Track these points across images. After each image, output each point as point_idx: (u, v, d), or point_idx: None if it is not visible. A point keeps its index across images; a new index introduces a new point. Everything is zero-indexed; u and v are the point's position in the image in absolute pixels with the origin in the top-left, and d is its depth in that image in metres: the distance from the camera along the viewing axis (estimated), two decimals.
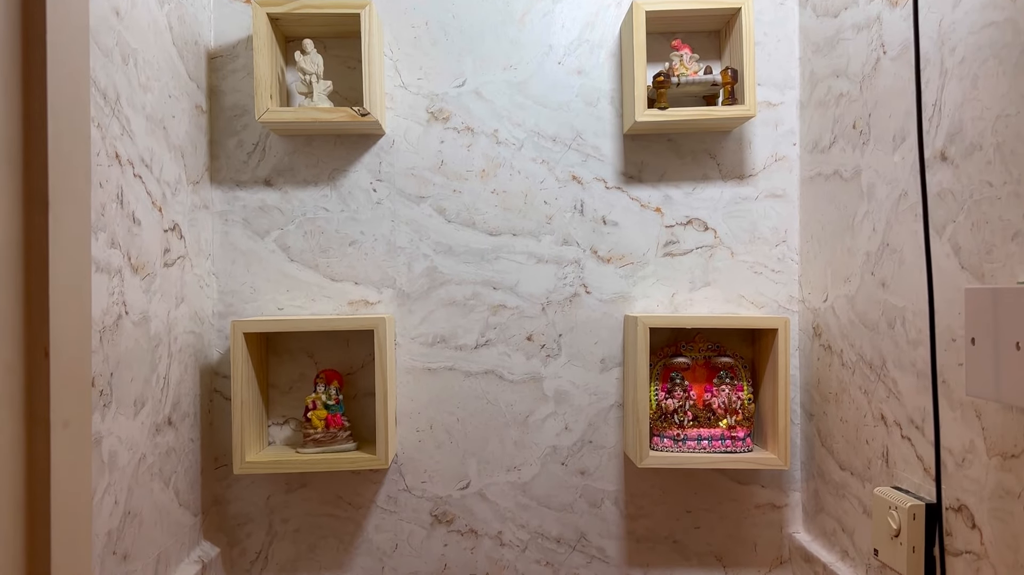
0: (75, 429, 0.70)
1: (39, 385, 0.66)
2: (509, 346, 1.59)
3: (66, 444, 0.69)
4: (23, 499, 0.67)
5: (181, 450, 1.39)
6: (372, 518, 1.58)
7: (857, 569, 1.35)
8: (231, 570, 1.56)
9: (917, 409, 1.16)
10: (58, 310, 0.68)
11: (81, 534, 0.73)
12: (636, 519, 1.60)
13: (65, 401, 0.68)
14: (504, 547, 1.59)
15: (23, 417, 0.66)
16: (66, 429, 0.69)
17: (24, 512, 0.67)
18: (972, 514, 1.02)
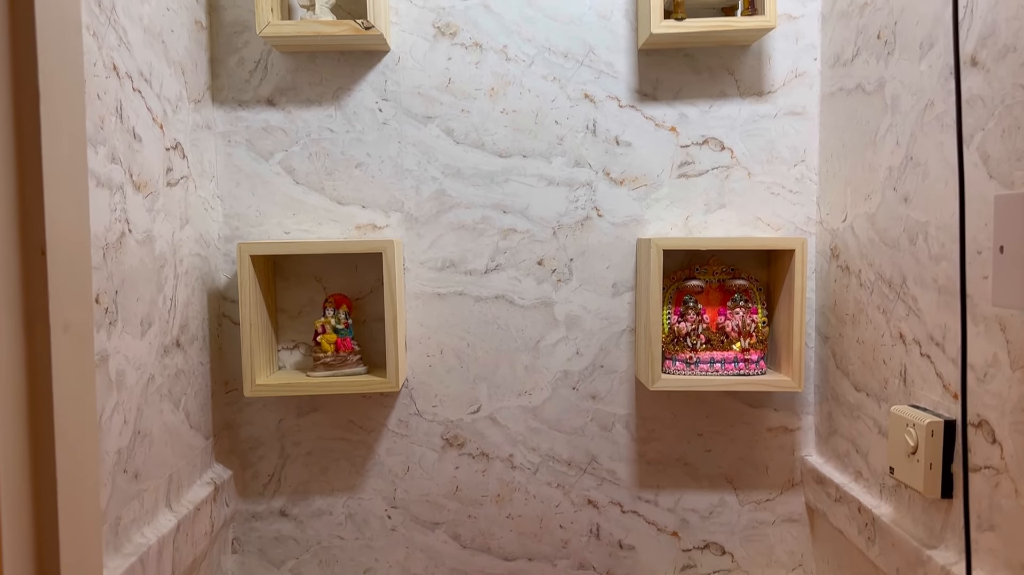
0: (76, 333, 0.68)
1: (36, 283, 0.64)
2: (519, 271, 1.56)
3: (67, 348, 0.68)
4: (25, 406, 0.66)
5: (190, 373, 1.38)
6: (383, 441, 1.58)
7: (871, 489, 1.34)
8: (244, 493, 1.57)
9: (938, 326, 1.13)
10: (54, 207, 0.65)
11: (87, 444, 0.72)
12: (647, 442, 1.59)
13: (64, 302, 0.66)
14: (515, 470, 1.59)
15: (22, 317, 0.65)
16: (66, 332, 0.67)
17: (27, 418, 0.66)
18: (993, 429, 1.00)
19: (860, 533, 1.33)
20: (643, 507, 1.60)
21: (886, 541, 1.24)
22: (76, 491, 0.69)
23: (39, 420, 0.65)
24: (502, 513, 1.60)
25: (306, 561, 1.59)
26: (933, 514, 1.15)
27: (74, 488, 0.69)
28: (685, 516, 1.60)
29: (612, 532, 1.60)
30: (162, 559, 1.19)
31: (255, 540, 1.58)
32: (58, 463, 0.67)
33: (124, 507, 1.13)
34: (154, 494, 1.23)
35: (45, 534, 0.69)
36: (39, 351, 0.65)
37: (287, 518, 1.58)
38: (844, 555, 1.44)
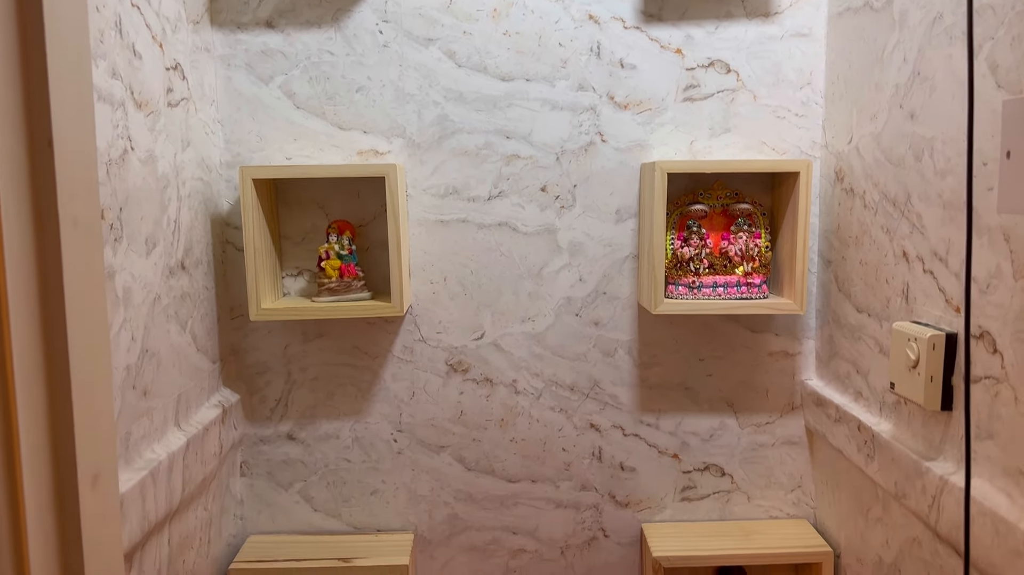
0: (85, 228, 0.69)
1: (44, 176, 0.64)
2: (523, 197, 1.56)
3: (77, 243, 0.68)
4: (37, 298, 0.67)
5: (196, 296, 1.39)
6: (389, 367, 1.60)
7: (871, 407, 1.36)
8: (252, 417, 1.59)
9: (941, 240, 1.13)
10: (59, 100, 0.65)
11: (99, 338, 0.73)
12: (649, 367, 1.61)
13: (72, 197, 0.66)
14: (519, 395, 1.61)
15: (31, 211, 0.65)
16: (76, 227, 0.67)
17: (39, 310, 0.66)
18: (994, 339, 1.01)
19: (859, 451, 1.36)
20: (644, 430, 1.62)
21: (885, 456, 1.26)
22: (90, 386, 0.70)
23: (51, 313, 0.65)
24: (506, 437, 1.62)
25: (314, 483, 1.62)
26: (932, 427, 1.17)
27: (87, 381, 0.70)
28: (686, 439, 1.62)
29: (614, 455, 1.63)
30: (172, 475, 1.22)
31: (263, 463, 1.61)
32: (71, 354, 0.68)
33: (134, 423, 1.15)
34: (163, 412, 1.25)
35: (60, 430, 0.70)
36: (49, 245, 0.66)
37: (295, 442, 1.61)
38: (843, 474, 1.47)
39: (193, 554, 1.35)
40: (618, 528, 1.64)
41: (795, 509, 1.63)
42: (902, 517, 1.25)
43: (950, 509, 1.08)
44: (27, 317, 0.65)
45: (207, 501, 1.41)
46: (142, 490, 1.11)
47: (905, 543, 1.24)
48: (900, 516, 1.25)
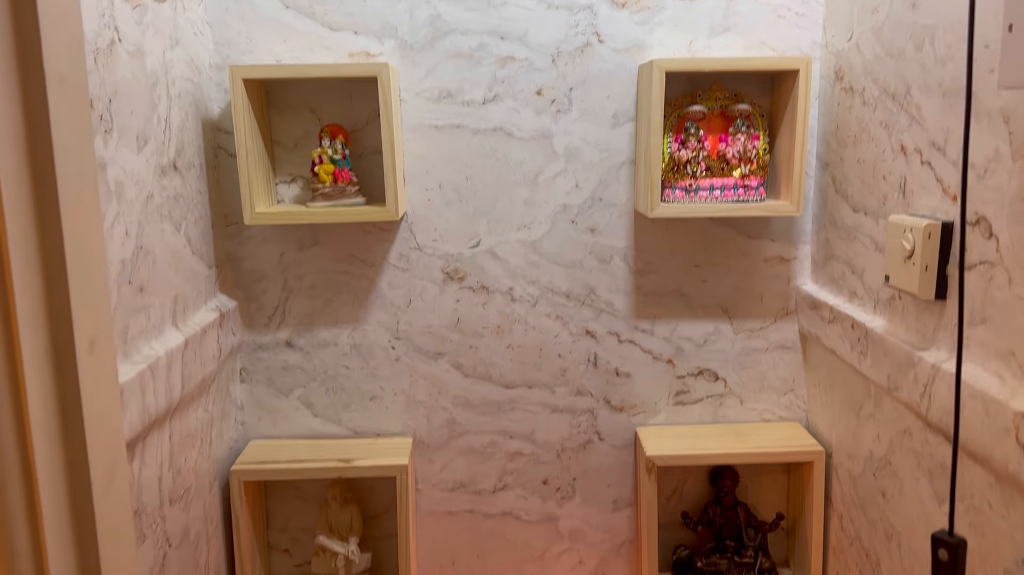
0: (71, 86, 0.67)
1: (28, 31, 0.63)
2: (518, 101, 1.54)
3: (64, 99, 0.67)
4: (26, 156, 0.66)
5: (189, 199, 1.38)
6: (385, 275, 1.60)
7: (865, 306, 1.37)
8: (250, 324, 1.60)
9: (940, 130, 1.12)
10: None
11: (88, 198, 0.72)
12: (644, 274, 1.61)
13: (57, 53, 0.65)
14: (515, 302, 1.62)
15: (16, 68, 0.63)
16: (62, 84, 0.66)
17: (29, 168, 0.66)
18: (990, 224, 1.01)
19: (852, 349, 1.37)
20: (639, 336, 1.63)
21: (878, 351, 1.27)
22: (82, 251, 0.70)
23: (40, 170, 0.65)
24: (502, 343, 1.63)
25: (313, 389, 1.63)
26: (926, 318, 1.17)
27: (80, 246, 0.70)
28: (680, 345, 1.64)
29: (609, 360, 1.64)
30: (171, 372, 1.23)
31: (262, 370, 1.62)
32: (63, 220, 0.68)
33: (131, 318, 1.15)
34: (160, 311, 1.25)
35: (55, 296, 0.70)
36: (36, 102, 0.65)
37: (293, 349, 1.62)
38: (836, 375, 1.49)
39: (195, 453, 1.37)
40: (613, 432, 1.67)
41: (787, 412, 1.66)
42: (893, 411, 1.27)
43: (941, 396, 1.09)
44: (16, 177, 0.65)
45: (207, 403, 1.43)
46: (141, 383, 1.12)
47: (896, 436, 1.26)
48: (891, 410, 1.27)
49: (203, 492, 1.41)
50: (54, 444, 0.70)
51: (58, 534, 0.71)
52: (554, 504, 1.70)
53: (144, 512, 1.16)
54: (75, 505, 0.72)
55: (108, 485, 0.75)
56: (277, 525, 1.68)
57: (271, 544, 1.68)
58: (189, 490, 1.35)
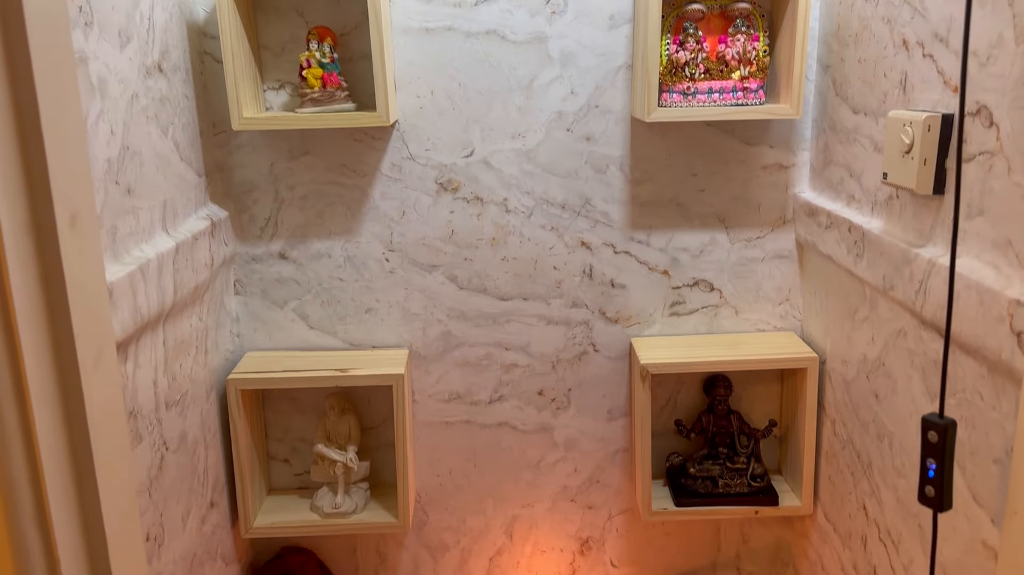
0: None
1: None
2: (512, 1, 1.50)
3: None
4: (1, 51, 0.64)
5: (176, 104, 1.35)
6: (377, 186, 1.58)
7: (863, 208, 1.35)
8: (242, 236, 1.59)
9: (943, 19, 1.09)
10: None
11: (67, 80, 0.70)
12: (641, 184, 1.59)
13: None
14: (510, 213, 1.60)
15: None
16: None
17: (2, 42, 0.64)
18: (991, 112, 0.99)
19: (849, 252, 1.36)
20: (635, 247, 1.62)
21: (874, 252, 1.27)
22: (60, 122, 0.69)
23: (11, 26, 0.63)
24: (497, 255, 1.63)
25: (308, 301, 1.63)
26: (923, 215, 1.16)
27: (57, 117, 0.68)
28: (676, 255, 1.63)
29: (604, 272, 1.64)
30: (163, 276, 1.22)
31: (256, 282, 1.62)
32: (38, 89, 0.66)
33: (119, 219, 1.14)
34: (149, 214, 1.24)
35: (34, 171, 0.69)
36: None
37: (287, 260, 1.61)
38: (831, 282, 1.48)
39: (190, 361, 1.38)
40: (608, 343, 1.67)
41: (782, 322, 1.66)
42: (888, 311, 1.26)
43: (936, 290, 1.09)
44: None
45: (202, 312, 1.43)
46: (132, 283, 1.11)
47: (890, 336, 1.26)
48: (886, 311, 1.27)
49: (200, 399, 1.42)
50: (38, 320, 0.69)
51: (47, 412, 0.71)
52: (549, 414, 1.71)
53: (140, 414, 1.17)
54: (63, 383, 0.72)
55: (96, 363, 0.74)
56: (276, 435, 1.69)
57: (270, 454, 1.70)
58: (185, 396, 1.35)
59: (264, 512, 1.62)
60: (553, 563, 1.79)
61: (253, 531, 1.57)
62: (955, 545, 1.06)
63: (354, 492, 1.63)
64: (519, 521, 1.76)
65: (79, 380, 0.72)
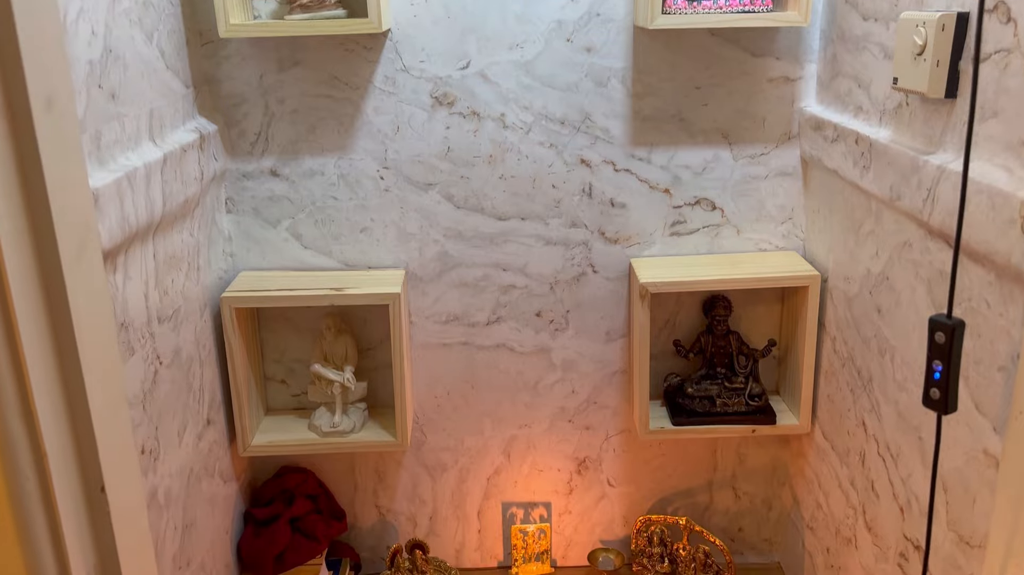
0: None
1: None
2: None
3: None
4: None
5: (160, 9, 1.30)
6: (371, 99, 1.53)
7: (871, 119, 1.32)
8: (232, 151, 1.55)
9: None
10: None
11: None
12: (643, 98, 1.55)
13: None
14: (507, 129, 1.56)
15: None
16: None
17: None
18: (1008, 8, 0.95)
19: (855, 165, 1.33)
20: (636, 165, 1.59)
21: (881, 162, 1.23)
22: None
23: None
24: (495, 174, 1.59)
25: (302, 220, 1.60)
26: (933, 120, 1.12)
27: None
28: (678, 173, 1.59)
29: (604, 191, 1.60)
30: (151, 185, 1.19)
31: (248, 200, 1.58)
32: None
33: (103, 125, 1.10)
34: (135, 123, 1.20)
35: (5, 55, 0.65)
36: None
37: (279, 178, 1.57)
38: (835, 198, 1.45)
39: (182, 277, 1.35)
40: (607, 264, 1.65)
41: (784, 241, 1.63)
42: (894, 223, 1.24)
43: (945, 197, 1.06)
44: None
45: (192, 227, 1.40)
46: (119, 190, 1.08)
47: (895, 249, 1.24)
48: (892, 223, 1.24)
49: (193, 316, 1.40)
50: (15, 206, 0.67)
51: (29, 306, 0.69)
52: (547, 336, 1.70)
53: (131, 326, 1.15)
54: (45, 275, 0.70)
55: (79, 256, 0.72)
56: (272, 356, 1.68)
57: (267, 375, 1.69)
58: (178, 312, 1.33)
59: (262, 431, 1.62)
60: (550, 482, 1.80)
61: (251, 449, 1.57)
62: (955, 455, 1.06)
63: (352, 412, 1.63)
64: (517, 441, 1.77)
65: (61, 274, 0.70)
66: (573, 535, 1.84)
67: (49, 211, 0.67)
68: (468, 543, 1.83)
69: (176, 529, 1.29)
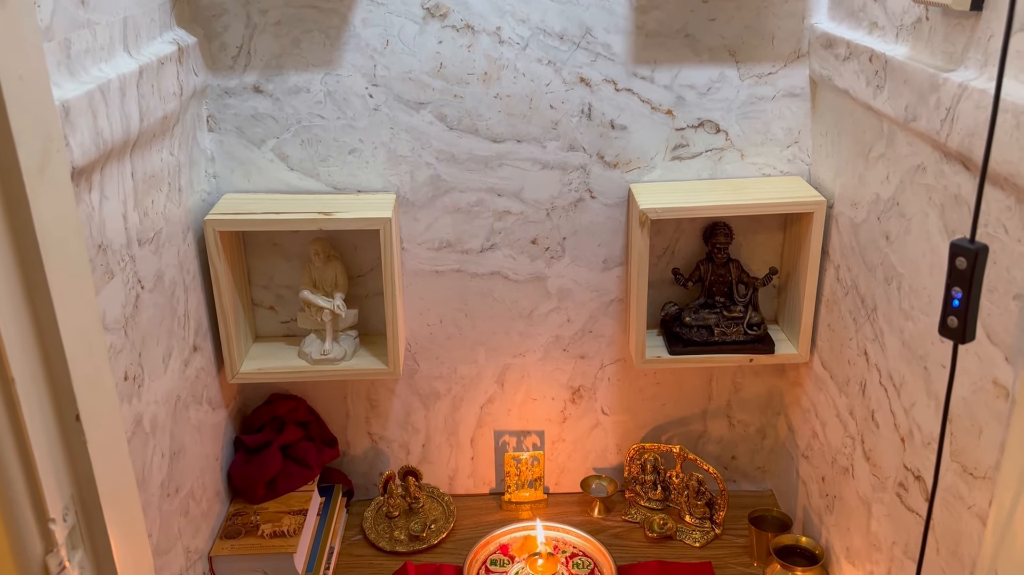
0: None
1: None
2: None
3: None
4: None
5: None
6: (358, 10, 1.45)
7: (887, 34, 1.25)
8: (213, 66, 1.47)
9: None
10: None
11: None
12: (647, 11, 1.47)
13: None
14: (503, 45, 1.48)
15: None
16: None
17: None
18: None
19: (868, 84, 1.26)
20: (638, 84, 1.52)
21: (897, 81, 1.17)
22: None
23: None
24: (490, 92, 1.52)
25: (287, 140, 1.53)
26: (955, 36, 1.06)
27: None
28: (681, 93, 1.52)
29: (604, 112, 1.54)
30: (126, 99, 1.12)
31: (231, 118, 1.51)
32: None
33: (72, 32, 1.02)
34: (108, 32, 1.12)
35: None
36: None
37: (262, 94, 1.50)
38: (845, 119, 1.39)
39: (163, 198, 1.29)
40: (605, 189, 1.59)
41: (789, 166, 1.58)
42: (907, 146, 1.18)
43: (966, 116, 1.00)
44: None
45: (172, 146, 1.33)
46: (91, 103, 1.01)
47: (907, 172, 1.19)
48: (905, 146, 1.19)
49: (176, 239, 1.35)
50: None
51: None
52: (543, 263, 1.65)
53: (109, 248, 1.10)
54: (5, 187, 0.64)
55: (42, 167, 0.66)
56: (259, 282, 1.63)
57: (255, 301, 1.65)
58: (159, 235, 1.28)
59: (251, 358, 1.59)
60: (544, 411, 1.78)
61: (239, 376, 1.54)
62: (962, 385, 1.03)
63: (343, 340, 1.60)
64: (511, 370, 1.74)
65: (23, 186, 0.65)
66: (566, 463, 1.83)
67: (5, 115, 0.61)
68: (461, 470, 1.83)
69: (164, 456, 1.26)
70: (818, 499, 1.56)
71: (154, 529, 1.21)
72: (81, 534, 0.70)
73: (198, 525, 1.42)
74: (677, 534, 1.68)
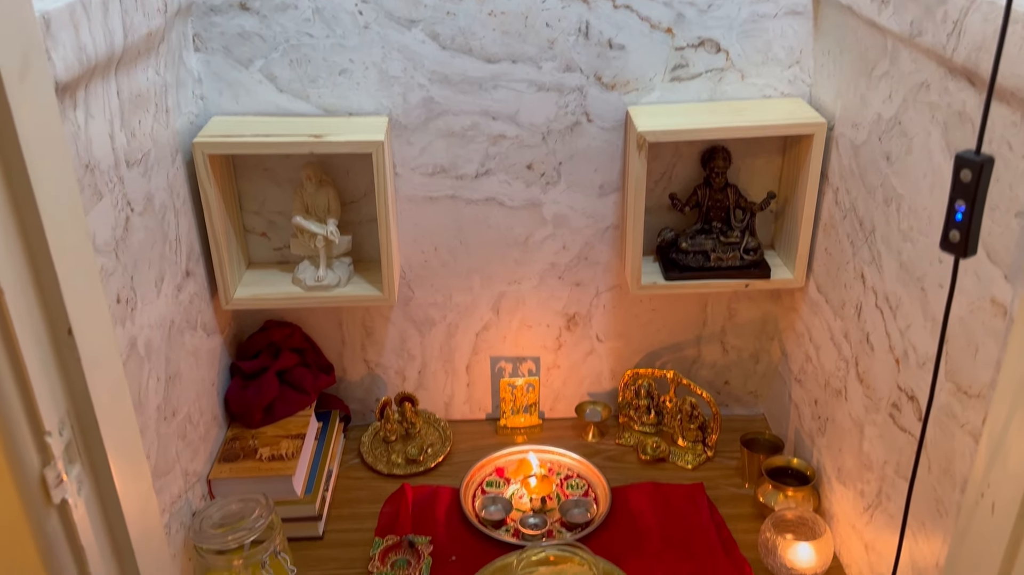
0: None
1: None
2: None
3: None
4: None
5: None
6: None
7: None
8: None
9: None
10: None
11: None
12: None
13: None
14: None
15: None
16: None
17: None
18: None
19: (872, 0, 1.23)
20: (637, 1, 1.47)
21: None
22: None
23: None
24: (484, 10, 1.47)
25: (275, 60, 1.49)
26: None
27: None
28: (682, 10, 1.48)
29: (602, 30, 1.49)
30: (109, 14, 1.07)
31: (218, 37, 1.46)
32: None
33: None
34: None
35: None
36: None
37: (249, 12, 1.45)
38: (848, 37, 1.36)
39: (150, 118, 1.26)
40: (603, 112, 1.56)
41: (791, 87, 1.55)
42: (911, 63, 1.16)
43: (973, 29, 0.98)
44: None
45: (158, 65, 1.29)
46: (72, 16, 0.97)
47: (911, 90, 1.16)
48: (909, 63, 1.16)
49: (164, 162, 1.32)
50: None
51: None
52: (538, 189, 1.63)
53: (97, 168, 1.08)
54: None
55: (23, 75, 0.64)
56: (251, 208, 1.61)
57: (247, 227, 1.63)
58: (148, 156, 1.25)
59: (244, 285, 1.58)
60: (539, 337, 1.78)
61: (233, 303, 1.53)
62: (959, 303, 1.03)
63: (337, 266, 1.58)
64: (506, 298, 1.74)
65: (4, 95, 0.62)
66: (561, 388, 1.85)
67: None
68: (457, 396, 1.84)
69: (159, 380, 1.26)
70: (810, 422, 1.58)
71: (152, 451, 1.21)
72: (78, 449, 0.70)
73: (196, 448, 1.43)
74: (670, 456, 1.71)
